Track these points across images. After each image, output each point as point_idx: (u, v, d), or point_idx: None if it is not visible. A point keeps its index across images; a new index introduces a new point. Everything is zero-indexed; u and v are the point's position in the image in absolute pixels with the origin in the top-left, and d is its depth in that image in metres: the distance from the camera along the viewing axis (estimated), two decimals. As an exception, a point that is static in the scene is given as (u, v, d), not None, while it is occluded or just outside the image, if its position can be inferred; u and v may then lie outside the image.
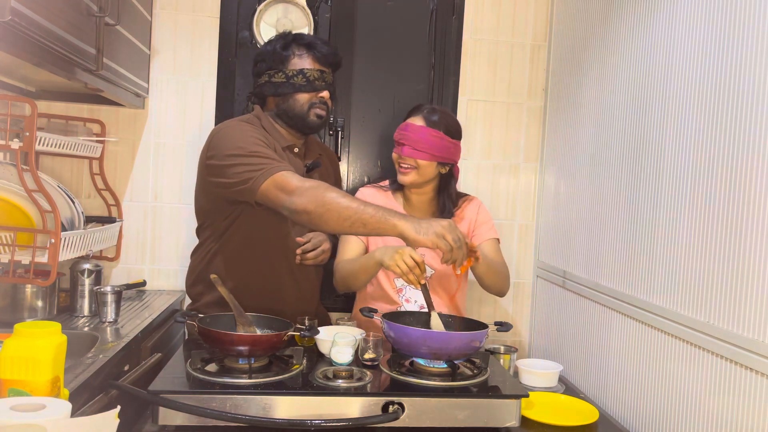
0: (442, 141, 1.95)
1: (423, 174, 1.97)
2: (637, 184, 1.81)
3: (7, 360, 1.10)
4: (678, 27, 1.66)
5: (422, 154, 1.93)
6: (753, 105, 1.36)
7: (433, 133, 1.94)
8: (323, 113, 1.92)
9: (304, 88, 1.89)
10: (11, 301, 1.90)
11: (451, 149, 1.97)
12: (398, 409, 1.38)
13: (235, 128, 1.83)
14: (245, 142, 1.76)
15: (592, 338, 2.04)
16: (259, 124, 1.91)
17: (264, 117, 1.94)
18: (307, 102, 1.89)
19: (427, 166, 1.95)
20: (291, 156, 1.93)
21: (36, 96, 2.22)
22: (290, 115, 1.91)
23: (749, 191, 1.36)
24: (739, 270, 1.37)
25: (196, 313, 1.64)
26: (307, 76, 1.88)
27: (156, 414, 1.33)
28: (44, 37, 1.44)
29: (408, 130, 1.96)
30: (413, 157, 1.94)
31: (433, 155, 1.94)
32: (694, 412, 1.51)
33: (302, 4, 2.41)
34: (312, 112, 1.90)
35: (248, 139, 1.77)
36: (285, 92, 1.89)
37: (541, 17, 2.60)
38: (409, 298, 2.01)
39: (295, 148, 1.95)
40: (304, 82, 1.88)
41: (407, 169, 1.96)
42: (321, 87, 1.90)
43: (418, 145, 1.93)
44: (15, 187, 1.81)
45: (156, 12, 2.41)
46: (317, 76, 1.89)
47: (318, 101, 1.90)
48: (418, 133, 1.94)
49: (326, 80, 1.92)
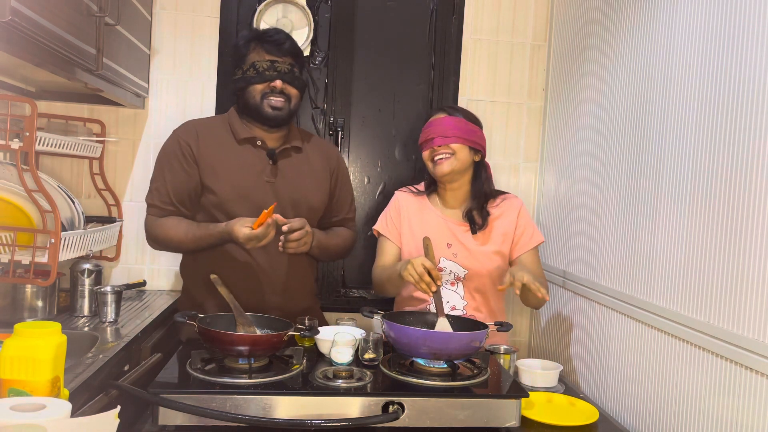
0: (468, 125, 1.97)
1: (459, 159, 1.96)
2: (637, 184, 1.81)
3: (7, 360, 1.10)
4: (678, 27, 1.66)
5: (453, 138, 1.94)
6: (753, 105, 1.36)
7: (455, 120, 1.97)
8: (279, 103, 1.92)
9: (254, 79, 1.91)
10: (11, 301, 1.90)
11: (477, 133, 1.99)
12: (398, 409, 1.38)
13: (164, 144, 2.00)
14: (157, 162, 1.99)
15: (592, 338, 2.04)
16: (226, 120, 2.01)
17: (231, 113, 2.03)
18: (259, 93, 1.92)
19: (461, 149, 1.96)
20: (251, 148, 1.97)
21: (36, 96, 2.22)
22: (248, 108, 1.95)
23: (749, 191, 1.36)
24: (739, 270, 1.37)
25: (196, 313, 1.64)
26: (257, 67, 1.91)
27: (156, 414, 1.33)
28: (44, 37, 1.44)
29: (432, 125, 1.98)
30: (446, 143, 1.95)
31: (463, 138, 1.95)
32: (694, 412, 1.51)
33: (302, 4, 2.41)
34: (265, 102, 1.92)
35: (157, 161, 1.99)
36: (241, 86, 1.94)
37: (541, 17, 2.60)
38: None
39: (257, 140, 1.97)
40: (254, 74, 1.91)
41: (443, 159, 1.96)
42: (272, 77, 1.91)
43: (447, 132, 1.95)
44: (15, 187, 1.81)
45: (156, 12, 2.41)
46: (266, 67, 1.90)
47: (270, 91, 1.91)
48: (443, 123, 1.96)
49: (278, 69, 1.91)
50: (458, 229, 2.01)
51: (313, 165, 2.06)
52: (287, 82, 1.92)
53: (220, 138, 1.97)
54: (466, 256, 1.98)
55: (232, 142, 1.97)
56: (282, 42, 1.94)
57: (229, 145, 1.97)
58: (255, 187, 1.94)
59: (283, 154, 2.00)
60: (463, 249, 1.99)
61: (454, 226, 2.01)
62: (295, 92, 1.96)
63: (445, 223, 2.02)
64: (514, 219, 2.04)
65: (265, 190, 1.95)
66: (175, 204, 1.95)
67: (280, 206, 1.95)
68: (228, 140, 1.97)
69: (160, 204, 1.96)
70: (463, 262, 1.98)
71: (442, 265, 1.99)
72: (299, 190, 2.00)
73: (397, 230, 2.06)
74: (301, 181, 2.01)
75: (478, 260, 1.98)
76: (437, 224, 2.02)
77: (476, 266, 1.97)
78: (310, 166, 2.06)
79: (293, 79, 1.94)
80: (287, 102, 1.94)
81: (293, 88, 1.95)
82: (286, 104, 1.93)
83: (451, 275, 2.00)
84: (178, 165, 1.94)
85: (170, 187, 1.94)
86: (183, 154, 1.94)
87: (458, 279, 2.00)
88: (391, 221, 2.08)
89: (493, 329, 1.65)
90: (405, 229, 2.05)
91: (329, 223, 2.14)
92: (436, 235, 1.99)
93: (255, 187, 1.94)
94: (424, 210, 2.06)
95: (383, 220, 2.10)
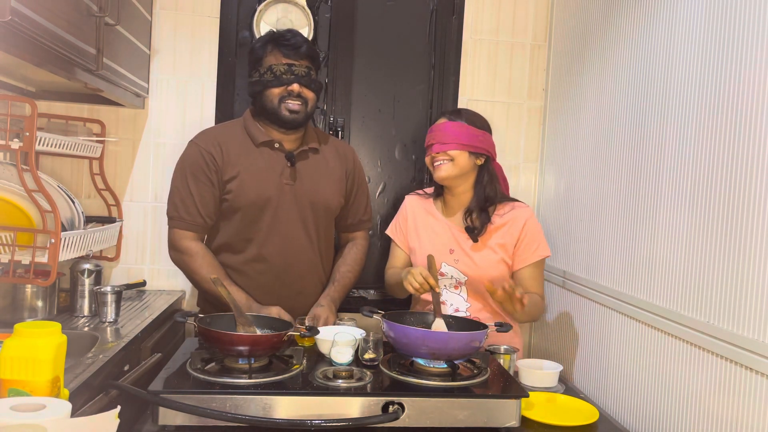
0: (468, 130, 1.97)
1: (457, 165, 1.96)
2: (637, 184, 1.81)
3: (7, 360, 1.10)
4: (678, 27, 1.66)
5: (450, 145, 1.95)
6: (753, 105, 1.36)
7: (455, 125, 1.97)
8: (296, 107, 1.92)
9: (272, 83, 1.91)
10: (11, 301, 1.90)
11: (478, 137, 1.98)
12: (398, 409, 1.38)
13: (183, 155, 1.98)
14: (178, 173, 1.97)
15: (592, 338, 2.04)
16: (241, 125, 2.00)
17: (247, 116, 2.02)
18: (277, 97, 1.91)
19: (459, 155, 1.96)
20: (269, 151, 1.97)
21: (36, 96, 2.22)
22: (266, 112, 1.94)
23: (749, 191, 1.36)
24: (739, 270, 1.37)
25: (196, 313, 1.64)
26: (274, 71, 1.90)
27: (156, 414, 1.32)
28: (44, 37, 1.44)
29: (433, 131, 2.00)
30: (443, 150, 1.96)
31: (460, 144, 1.95)
32: (694, 412, 1.51)
33: (302, 4, 2.41)
34: (283, 106, 1.91)
35: (178, 172, 1.97)
36: (259, 90, 1.93)
37: (541, 17, 2.60)
38: (445, 301, 2.03)
39: (275, 143, 1.97)
40: (272, 77, 1.91)
41: (441, 164, 1.97)
42: (289, 80, 1.90)
43: (444, 139, 1.96)
44: (15, 187, 1.81)
45: (156, 12, 2.41)
46: (284, 70, 1.90)
47: (288, 95, 1.91)
48: (442, 129, 1.98)
49: (296, 73, 1.91)
50: (461, 235, 2.01)
51: (330, 166, 2.07)
52: (304, 86, 1.92)
53: (240, 144, 1.97)
54: (467, 262, 1.99)
55: (251, 147, 1.97)
56: (299, 46, 1.94)
57: (249, 149, 1.97)
58: (276, 190, 1.95)
59: (300, 156, 2.00)
60: (464, 255, 2.00)
61: (458, 232, 2.02)
62: (312, 95, 1.96)
63: (449, 228, 2.03)
64: (518, 231, 2.00)
65: (284, 192, 1.96)
66: (203, 216, 1.94)
67: (300, 208, 1.97)
68: (247, 145, 1.97)
69: (186, 217, 1.93)
70: (463, 268, 1.99)
71: (443, 270, 2.01)
72: (317, 192, 2.01)
73: (404, 236, 2.12)
74: (319, 182, 2.02)
75: (479, 267, 1.98)
76: (441, 230, 2.04)
77: (477, 273, 1.98)
78: (327, 167, 2.06)
79: (310, 83, 1.94)
80: (304, 105, 1.93)
81: (310, 91, 1.95)
82: (303, 107, 1.93)
83: (453, 280, 2.01)
84: (204, 176, 1.93)
85: (198, 199, 1.93)
86: (207, 165, 1.93)
87: (460, 283, 2.01)
88: (399, 227, 2.14)
89: (493, 330, 1.64)
90: (414, 233, 2.09)
91: (345, 226, 2.15)
92: (439, 240, 2.02)
93: (276, 190, 1.95)
94: (430, 215, 2.08)
95: (394, 225, 2.17)
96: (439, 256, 1.99)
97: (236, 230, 1.95)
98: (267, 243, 1.94)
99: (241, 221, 1.95)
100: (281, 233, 1.96)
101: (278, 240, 1.96)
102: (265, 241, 1.94)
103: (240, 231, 1.95)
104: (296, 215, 1.97)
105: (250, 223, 1.95)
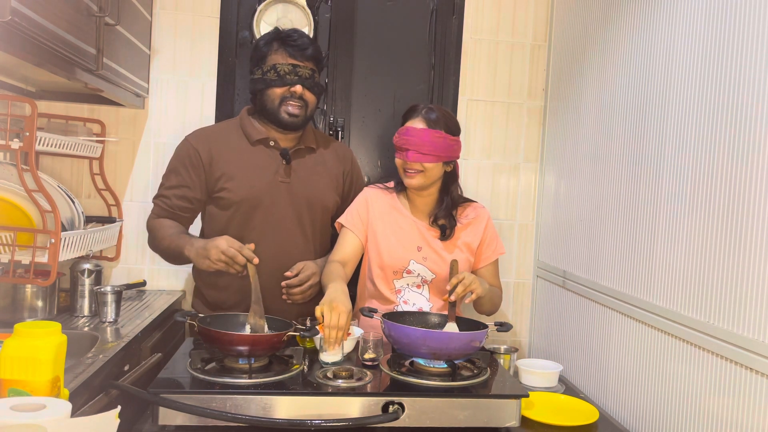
0: (446, 140, 1.91)
1: (430, 176, 1.94)
2: (637, 185, 1.81)
3: (7, 360, 1.10)
4: (678, 27, 1.66)
5: (428, 157, 1.89)
6: (753, 105, 1.36)
7: (435, 134, 1.89)
8: (296, 110, 1.91)
9: (275, 83, 1.90)
10: (11, 301, 1.90)
11: (453, 147, 1.95)
12: (398, 409, 1.38)
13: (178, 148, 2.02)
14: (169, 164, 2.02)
15: (592, 338, 2.04)
16: (237, 124, 2.01)
17: (243, 114, 2.03)
18: (278, 97, 1.91)
19: (433, 167, 1.92)
20: (264, 149, 1.97)
21: (36, 96, 2.22)
22: (265, 111, 1.94)
23: (749, 191, 1.36)
24: (739, 270, 1.37)
25: (196, 313, 1.64)
26: (278, 70, 1.89)
27: (156, 414, 1.33)
28: (44, 37, 1.44)
29: (410, 134, 1.90)
30: (419, 161, 1.90)
31: (438, 156, 1.90)
32: (694, 412, 1.51)
33: (302, 4, 2.41)
34: (283, 108, 1.91)
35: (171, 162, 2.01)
36: (260, 88, 1.93)
37: (541, 17, 2.60)
38: (408, 300, 2.00)
39: (270, 141, 1.97)
40: (275, 76, 1.89)
41: (414, 173, 1.93)
42: (293, 81, 1.89)
43: (422, 149, 1.88)
44: (15, 187, 1.81)
45: (156, 12, 2.41)
46: (288, 71, 1.89)
47: (290, 96, 1.90)
48: (421, 137, 1.89)
49: (300, 74, 1.90)
50: (428, 233, 2.00)
51: (327, 165, 2.06)
52: (307, 88, 1.92)
53: (232, 142, 1.98)
54: (435, 260, 1.98)
55: (245, 145, 1.98)
56: (305, 47, 1.93)
57: (243, 147, 1.97)
58: (270, 187, 1.95)
59: (296, 154, 2.00)
60: (432, 253, 1.98)
61: (425, 229, 2.00)
62: (313, 98, 1.95)
63: (416, 225, 2.01)
64: (481, 231, 2.04)
65: (279, 190, 1.96)
66: (174, 209, 1.96)
67: (295, 206, 1.96)
68: (241, 143, 1.98)
69: (162, 205, 1.98)
70: (431, 266, 1.98)
71: (411, 268, 1.98)
72: (313, 190, 2.00)
73: (364, 225, 2.01)
74: (315, 181, 2.02)
75: (446, 265, 1.95)
76: (408, 226, 2.01)
77: (444, 271, 1.96)
78: (324, 166, 2.05)
79: (313, 85, 1.93)
80: (304, 108, 1.93)
81: (312, 94, 1.94)
82: (303, 110, 1.93)
83: (419, 278, 1.99)
84: (185, 171, 1.96)
85: (174, 192, 1.96)
86: (192, 162, 1.95)
87: (424, 281, 2.00)
88: (358, 216, 2.02)
89: (493, 329, 1.64)
90: (377, 227, 2.00)
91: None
92: (406, 237, 1.99)
93: (270, 187, 1.95)
94: (395, 210, 2.02)
95: (350, 214, 2.03)
96: (406, 254, 1.97)
97: (230, 227, 1.95)
98: (261, 241, 1.93)
99: (234, 218, 1.95)
100: (276, 231, 1.96)
101: (273, 238, 1.96)
102: (260, 239, 1.93)
103: (234, 228, 1.95)
104: (292, 213, 1.97)
105: (244, 221, 1.95)
